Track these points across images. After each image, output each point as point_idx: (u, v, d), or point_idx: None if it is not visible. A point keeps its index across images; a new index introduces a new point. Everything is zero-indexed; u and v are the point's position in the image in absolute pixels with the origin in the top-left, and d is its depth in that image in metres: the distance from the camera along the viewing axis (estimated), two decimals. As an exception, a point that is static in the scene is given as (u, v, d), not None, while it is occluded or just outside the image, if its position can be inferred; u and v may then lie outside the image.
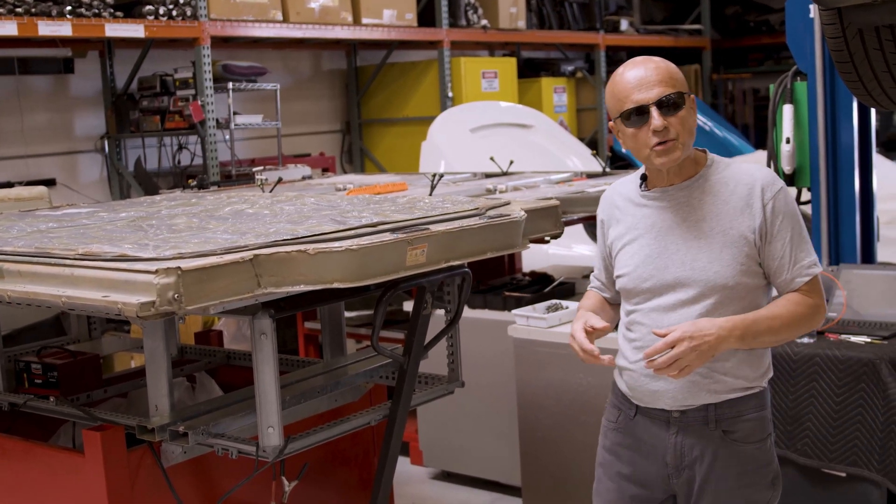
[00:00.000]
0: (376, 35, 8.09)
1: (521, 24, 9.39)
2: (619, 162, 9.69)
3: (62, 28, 5.97)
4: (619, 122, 2.53)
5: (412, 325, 3.16)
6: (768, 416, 2.62)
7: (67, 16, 6.00)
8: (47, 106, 7.09)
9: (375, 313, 2.92)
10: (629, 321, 2.64)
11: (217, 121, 6.92)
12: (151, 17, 6.47)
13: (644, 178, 2.66)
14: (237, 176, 6.93)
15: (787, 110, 4.25)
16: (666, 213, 2.57)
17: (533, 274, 5.22)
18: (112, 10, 6.28)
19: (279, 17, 7.27)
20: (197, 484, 3.16)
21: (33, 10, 5.87)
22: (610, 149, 10.18)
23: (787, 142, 4.25)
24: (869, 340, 3.60)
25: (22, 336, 4.52)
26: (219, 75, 7.00)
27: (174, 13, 6.59)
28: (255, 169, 7.03)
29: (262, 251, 2.54)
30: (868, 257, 4.33)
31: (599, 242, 2.78)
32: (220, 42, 7.54)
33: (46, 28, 5.89)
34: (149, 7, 6.48)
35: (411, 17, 8.29)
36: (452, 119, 7.30)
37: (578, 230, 5.94)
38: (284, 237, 2.66)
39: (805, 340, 3.64)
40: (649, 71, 2.50)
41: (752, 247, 2.51)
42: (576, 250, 6.06)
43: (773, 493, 2.62)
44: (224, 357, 4.00)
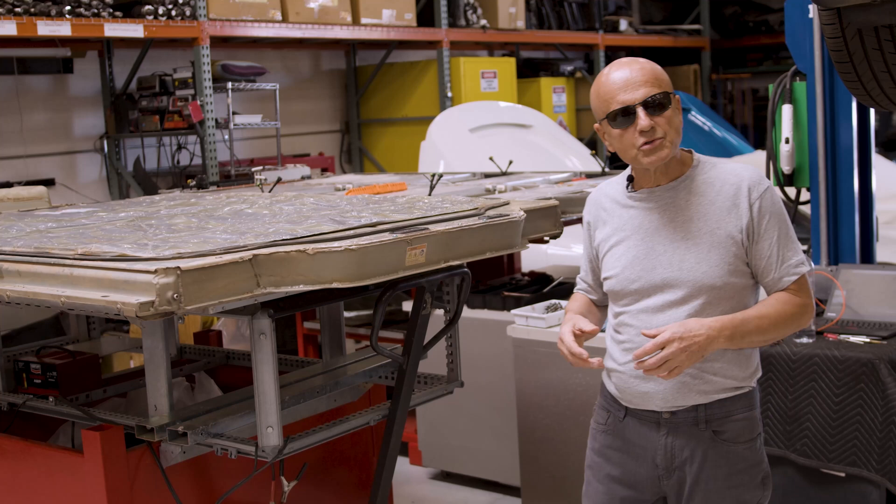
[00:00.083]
0: (375, 35, 8.09)
1: (521, 24, 9.39)
2: (618, 162, 9.69)
3: (61, 28, 5.97)
4: (606, 124, 2.53)
5: (411, 325, 3.16)
6: (758, 415, 2.63)
7: (66, 16, 6.00)
8: (46, 106, 7.09)
9: (375, 313, 2.92)
10: (617, 323, 2.63)
11: (216, 121, 6.92)
12: (151, 17, 6.46)
13: (630, 179, 2.65)
14: (236, 176, 6.93)
15: (787, 110, 4.25)
16: (653, 214, 2.57)
17: (532, 274, 5.22)
18: (111, 10, 6.28)
19: (278, 17, 7.27)
20: (196, 484, 3.16)
21: (32, 9, 5.87)
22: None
23: (787, 142, 4.25)
24: (868, 340, 3.61)
25: (21, 336, 4.53)
26: (218, 75, 7.00)
27: (173, 13, 6.59)
28: (254, 169, 7.02)
29: (262, 251, 2.54)
30: (867, 257, 4.33)
31: (586, 244, 2.78)
32: (220, 42, 7.54)
33: (45, 28, 5.89)
34: (148, 7, 6.48)
35: (410, 17, 8.29)
36: (452, 119, 7.29)
37: (577, 230, 5.90)
38: (284, 237, 2.66)
39: (804, 340, 3.65)
40: (634, 72, 2.50)
41: (739, 246, 2.51)
42: (575, 250, 6.06)
43: (764, 492, 2.63)
44: (223, 357, 4.01)
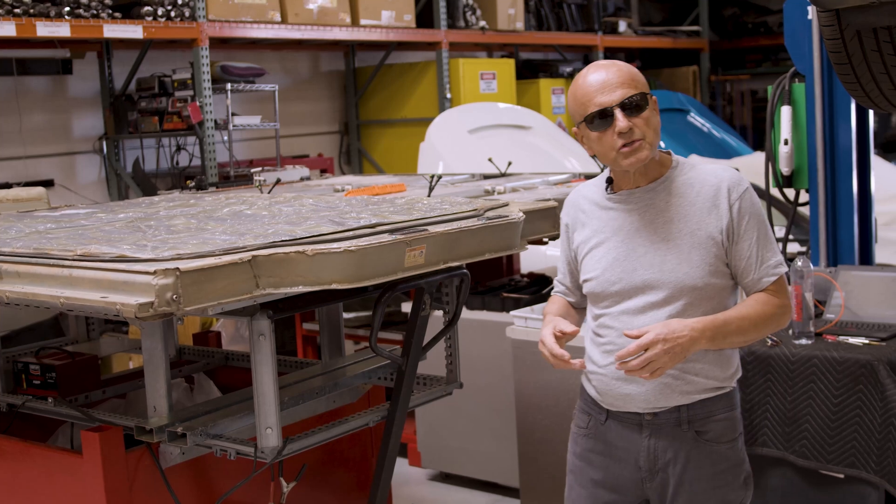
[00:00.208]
0: (374, 36, 8.09)
1: (520, 25, 9.39)
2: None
3: (60, 29, 5.96)
4: (584, 127, 2.53)
5: (410, 326, 3.16)
6: (738, 416, 2.64)
7: (66, 16, 5.99)
8: (45, 107, 7.08)
9: (374, 314, 2.92)
10: (598, 325, 2.63)
11: (215, 122, 6.92)
12: (150, 18, 6.46)
13: (610, 181, 2.65)
14: (235, 177, 6.93)
15: (786, 112, 4.26)
16: (633, 216, 2.57)
17: (531, 275, 5.22)
18: (110, 11, 6.28)
19: (277, 18, 7.27)
20: (195, 485, 3.16)
21: (31, 10, 5.87)
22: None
23: (786, 143, 4.25)
24: (867, 342, 3.61)
25: (20, 337, 4.52)
26: (217, 76, 7.00)
27: (172, 14, 6.59)
28: (253, 170, 7.01)
29: (261, 252, 2.54)
30: (866, 259, 4.33)
31: (563, 246, 2.77)
32: (219, 43, 7.53)
33: (45, 29, 5.89)
34: (147, 8, 6.47)
35: (409, 18, 8.29)
36: (451, 120, 7.29)
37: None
38: (283, 238, 2.66)
39: (803, 342, 3.65)
40: (611, 74, 2.50)
41: (719, 247, 2.51)
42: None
43: (746, 492, 2.63)
44: (222, 358, 4.01)
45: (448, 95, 8.60)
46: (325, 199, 3.70)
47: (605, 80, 2.49)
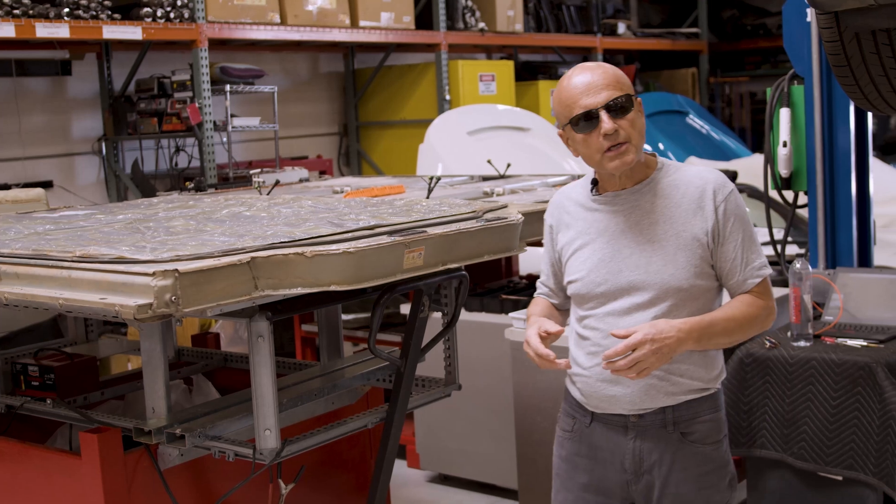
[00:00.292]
0: (374, 38, 8.09)
1: (519, 27, 9.40)
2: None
3: (60, 30, 5.96)
4: (569, 129, 2.53)
5: (409, 327, 3.16)
6: (723, 417, 2.64)
7: (65, 18, 6.00)
8: (44, 108, 7.09)
9: (372, 316, 2.92)
10: (582, 326, 2.63)
11: (214, 123, 6.92)
12: (149, 20, 6.46)
13: (595, 182, 2.65)
14: (234, 178, 6.93)
15: (784, 114, 4.26)
16: (618, 217, 2.58)
17: (530, 277, 5.22)
18: (110, 13, 6.28)
19: (277, 19, 7.27)
20: (194, 487, 3.15)
21: (31, 11, 5.87)
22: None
23: (784, 145, 4.26)
24: (865, 344, 3.61)
25: (19, 338, 4.52)
26: (216, 78, 7.00)
27: (172, 15, 6.59)
28: (252, 171, 7.02)
29: (260, 254, 2.54)
30: (865, 261, 4.34)
31: (547, 248, 2.77)
32: (218, 44, 7.53)
33: (44, 30, 5.89)
34: (146, 9, 6.48)
35: (409, 19, 8.30)
36: (450, 122, 7.29)
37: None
38: (282, 240, 2.66)
39: (802, 344, 3.65)
40: (596, 76, 2.50)
41: (704, 249, 2.52)
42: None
43: (731, 494, 2.64)
44: (221, 359, 4.01)
45: (447, 97, 8.60)
46: (324, 201, 3.70)
47: (590, 81, 2.49)
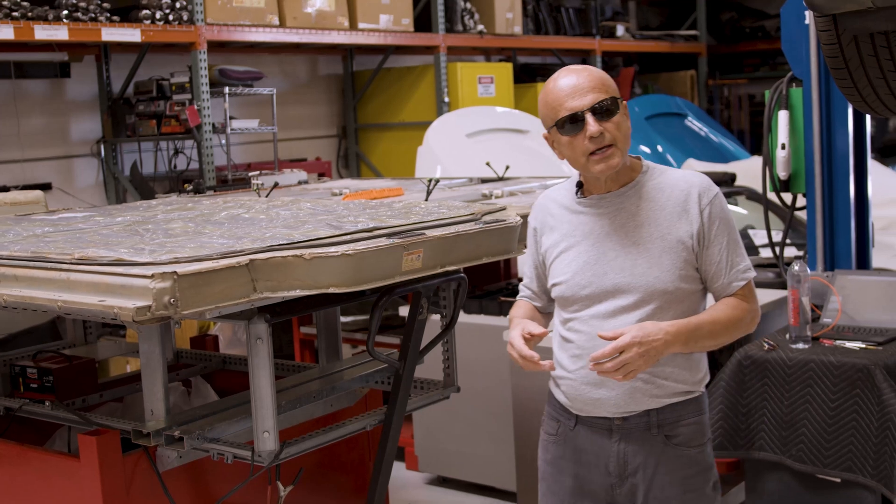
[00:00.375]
0: (373, 40, 8.10)
1: (518, 29, 9.40)
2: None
3: (59, 32, 5.97)
4: (555, 132, 2.53)
5: (408, 330, 3.16)
6: (707, 421, 2.64)
7: (64, 20, 6.00)
8: (43, 110, 7.09)
9: (371, 318, 2.92)
10: (566, 329, 2.63)
11: (213, 125, 6.92)
12: (148, 22, 6.47)
13: (580, 185, 2.66)
14: (233, 180, 6.94)
15: (783, 116, 4.26)
16: (603, 220, 2.57)
17: (529, 279, 5.21)
18: (108, 15, 6.29)
19: (276, 21, 7.27)
20: (192, 489, 3.15)
21: (30, 14, 5.88)
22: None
23: (783, 147, 4.26)
24: (864, 346, 3.61)
25: (18, 340, 4.51)
26: (215, 80, 7.00)
27: (171, 18, 6.60)
28: (251, 174, 7.04)
29: (259, 256, 2.54)
30: (863, 263, 4.34)
31: (531, 250, 2.76)
32: (217, 47, 7.54)
33: (43, 32, 5.89)
34: (145, 11, 6.48)
35: (408, 22, 8.30)
36: (448, 124, 7.30)
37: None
38: (280, 242, 2.66)
39: (800, 346, 3.65)
40: (581, 78, 2.50)
41: (689, 252, 2.52)
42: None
43: (716, 497, 2.64)
44: (220, 362, 4.01)
45: (446, 99, 8.61)
46: (323, 203, 3.70)
47: (576, 84, 2.49)
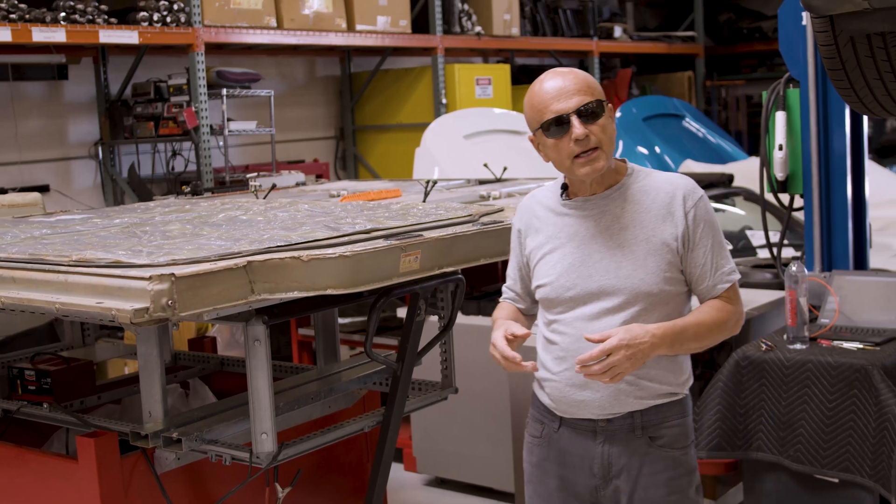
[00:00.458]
0: (370, 42, 8.10)
1: (515, 30, 9.41)
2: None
3: (56, 34, 5.97)
4: (540, 134, 2.53)
5: (406, 331, 3.16)
6: (691, 423, 2.64)
7: (61, 22, 6.00)
8: (41, 112, 7.09)
9: (369, 320, 2.93)
10: (550, 331, 2.63)
11: (211, 127, 6.92)
12: (145, 24, 6.47)
13: (565, 187, 2.66)
14: (231, 182, 6.93)
15: (780, 117, 4.27)
16: (588, 222, 2.57)
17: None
18: (106, 17, 6.29)
19: (273, 23, 7.27)
20: (190, 490, 3.15)
21: (27, 16, 5.87)
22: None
23: (780, 148, 4.26)
24: (861, 346, 3.61)
25: (16, 342, 4.52)
26: (213, 82, 7.00)
27: (168, 20, 6.60)
28: (248, 175, 7.03)
29: (256, 258, 2.54)
30: (860, 264, 4.34)
31: (515, 252, 2.76)
32: (214, 48, 7.54)
33: (40, 34, 5.89)
34: (143, 13, 6.48)
35: (405, 23, 8.31)
36: (446, 125, 7.30)
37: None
38: (278, 244, 2.67)
39: (798, 347, 3.66)
40: (567, 81, 2.50)
41: (674, 254, 2.52)
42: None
43: (698, 499, 2.64)
44: (218, 363, 4.01)
45: (444, 101, 8.61)
46: (321, 205, 3.70)
47: (561, 87, 2.49)
